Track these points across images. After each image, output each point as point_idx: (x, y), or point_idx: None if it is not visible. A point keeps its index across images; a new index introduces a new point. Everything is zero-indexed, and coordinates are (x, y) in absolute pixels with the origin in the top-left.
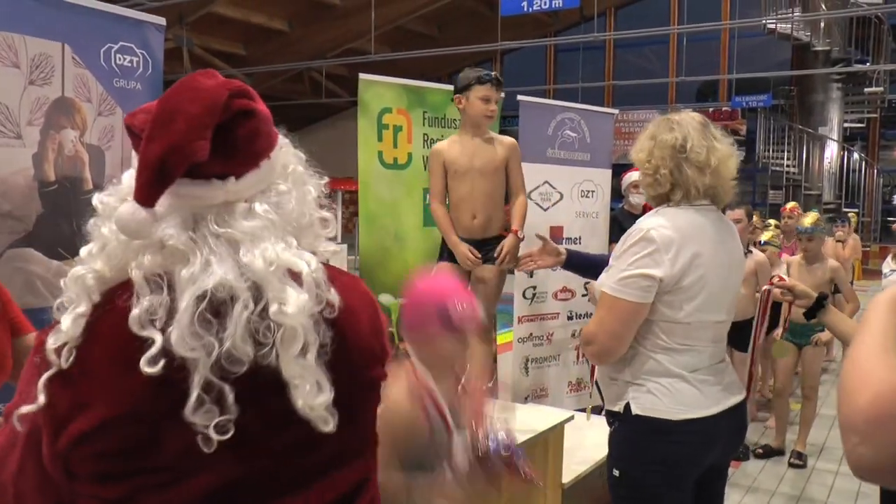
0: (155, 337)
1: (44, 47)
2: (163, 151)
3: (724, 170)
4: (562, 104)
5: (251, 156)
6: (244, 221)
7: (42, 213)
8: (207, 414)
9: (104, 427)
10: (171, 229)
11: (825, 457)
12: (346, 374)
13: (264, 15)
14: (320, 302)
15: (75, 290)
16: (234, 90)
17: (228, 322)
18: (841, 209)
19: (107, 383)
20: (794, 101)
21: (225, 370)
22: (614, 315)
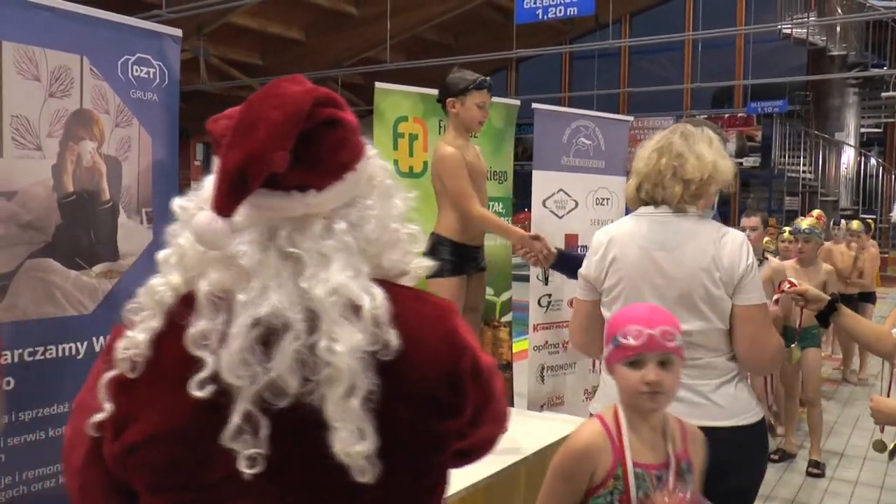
0: (207, 359)
1: (63, 60)
2: (242, 160)
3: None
4: (576, 112)
5: (335, 167)
6: (320, 241)
7: (61, 223)
8: (245, 443)
9: (153, 440)
10: (245, 245)
11: (844, 464)
12: (400, 423)
13: (281, 25)
14: (376, 342)
15: (150, 304)
16: (320, 98)
17: (276, 352)
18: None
19: (160, 399)
20: (811, 107)
21: (266, 402)
22: (575, 311)
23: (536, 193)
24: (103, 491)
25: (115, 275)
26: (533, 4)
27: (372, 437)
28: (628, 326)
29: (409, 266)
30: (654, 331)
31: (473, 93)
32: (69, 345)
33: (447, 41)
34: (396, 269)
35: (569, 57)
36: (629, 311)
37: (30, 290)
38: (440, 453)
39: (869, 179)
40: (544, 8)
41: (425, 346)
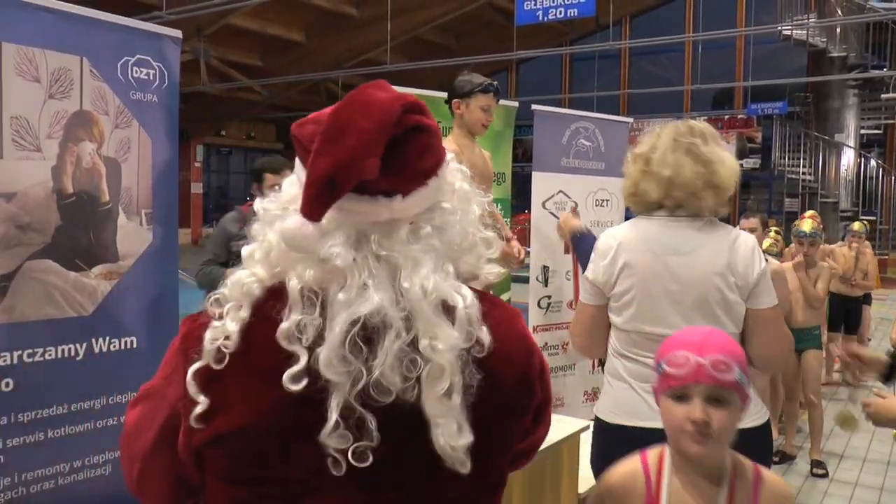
0: (301, 354)
1: (63, 61)
2: (332, 167)
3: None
4: (576, 113)
5: (420, 173)
6: (408, 244)
7: (60, 224)
8: (342, 438)
9: (241, 433)
10: (338, 248)
11: (844, 466)
12: (486, 418)
13: (281, 26)
14: (470, 340)
15: (238, 294)
16: (408, 105)
17: (379, 350)
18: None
19: (249, 391)
20: (810, 108)
21: (371, 398)
22: (579, 315)
23: (536, 195)
24: (164, 478)
25: (114, 276)
26: (533, 6)
27: (468, 431)
28: (675, 352)
29: (481, 270)
30: (703, 359)
31: (478, 95)
32: (68, 346)
33: (448, 42)
34: (469, 273)
35: (569, 58)
36: (682, 334)
37: (29, 291)
38: (510, 451)
39: (869, 181)
40: (544, 9)
41: (505, 346)
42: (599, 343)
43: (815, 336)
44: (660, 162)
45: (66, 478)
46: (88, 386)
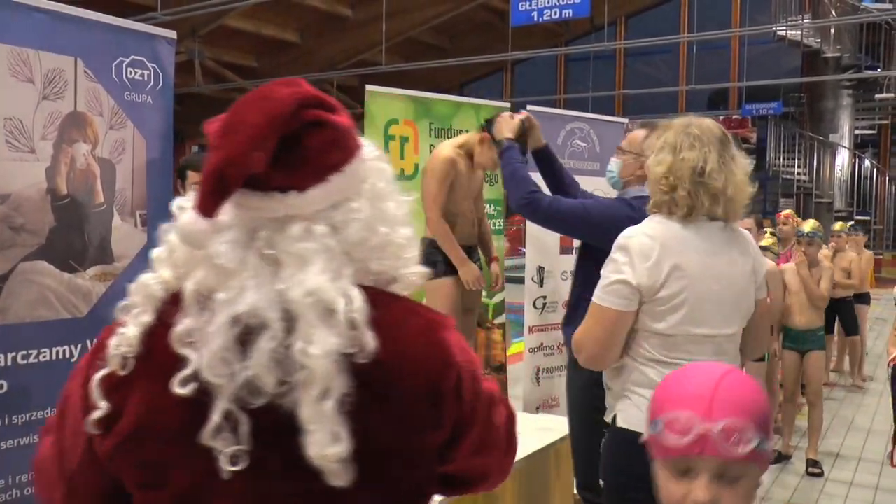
0: (191, 357)
1: (57, 62)
2: (221, 162)
3: (739, 197)
4: (571, 114)
5: (319, 170)
6: (297, 243)
7: (54, 226)
8: (224, 441)
9: (140, 436)
10: (224, 246)
11: (839, 465)
12: (377, 430)
13: (276, 27)
14: (353, 345)
15: (141, 298)
16: (307, 100)
17: (253, 351)
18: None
19: (148, 396)
20: (805, 109)
21: (244, 400)
22: (599, 323)
23: None
24: (91, 499)
25: (108, 277)
26: (528, 7)
27: (346, 440)
28: (676, 412)
29: (399, 272)
30: (712, 426)
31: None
32: (63, 347)
33: (443, 43)
34: (386, 275)
35: (564, 59)
36: (685, 383)
37: (23, 292)
38: (419, 471)
39: (863, 181)
40: (539, 10)
41: (407, 355)
42: (616, 352)
43: (818, 337)
44: (716, 176)
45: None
46: None
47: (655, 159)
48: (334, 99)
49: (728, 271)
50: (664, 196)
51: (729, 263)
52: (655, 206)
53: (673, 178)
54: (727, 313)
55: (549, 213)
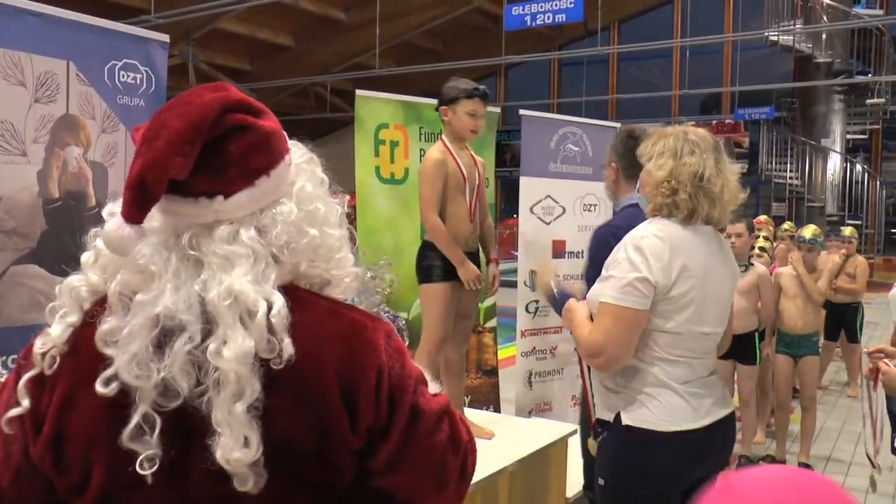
0: (114, 357)
1: (49, 65)
2: (142, 169)
3: (731, 200)
4: (564, 118)
5: (244, 174)
6: (223, 245)
7: (46, 229)
8: (144, 444)
9: (60, 437)
10: (147, 248)
11: (831, 469)
12: (291, 435)
13: (270, 30)
14: (271, 351)
15: (68, 299)
16: (231, 104)
17: (169, 353)
18: (844, 221)
19: (69, 396)
20: (797, 113)
21: (158, 402)
22: (621, 324)
23: (524, 199)
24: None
25: None
26: (521, 11)
27: (257, 445)
28: None
29: (331, 273)
30: None
31: (464, 101)
32: None
33: (436, 47)
34: (320, 278)
35: (557, 63)
36: None
37: (14, 296)
38: (339, 479)
39: (855, 185)
40: (532, 15)
41: (322, 357)
42: (632, 353)
43: (813, 342)
44: (714, 181)
45: None
46: None
47: (656, 164)
48: (260, 103)
49: (722, 273)
50: (666, 199)
51: (722, 265)
52: (656, 210)
53: (675, 181)
54: (721, 313)
55: None
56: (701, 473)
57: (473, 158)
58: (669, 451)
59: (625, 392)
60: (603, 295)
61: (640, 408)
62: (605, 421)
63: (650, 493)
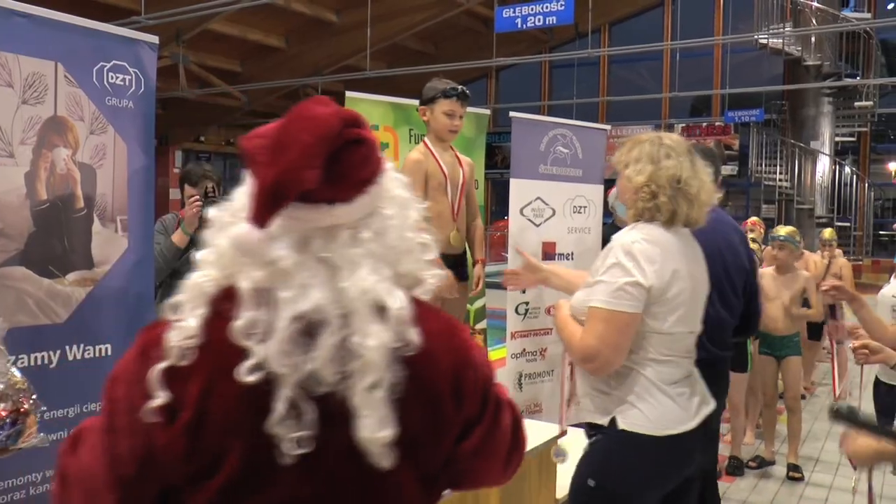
0: (254, 349)
1: (37, 66)
2: (276, 178)
3: (706, 201)
4: (554, 120)
5: (359, 182)
6: (348, 248)
7: (34, 231)
8: (288, 428)
9: (197, 425)
10: (284, 250)
11: (820, 469)
12: (414, 419)
13: (261, 32)
14: (400, 340)
15: (194, 295)
16: (347, 119)
17: (317, 345)
18: (833, 223)
19: (206, 384)
20: (786, 116)
21: (307, 389)
22: (614, 327)
23: (514, 202)
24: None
25: (89, 283)
26: (512, 13)
27: (392, 425)
28: None
29: (422, 275)
30: None
31: (441, 101)
32: (42, 353)
33: (427, 49)
34: (411, 278)
35: (548, 66)
36: None
37: (1, 298)
38: (436, 462)
39: (844, 188)
40: (523, 17)
41: (436, 352)
42: (625, 356)
43: (794, 343)
44: (691, 183)
45: (39, 487)
46: (62, 394)
47: (634, 169)
48: (363, 118)
49: (701, 274)
50: (647, 204)
51: (700, 266)
52: (637, 214)
53: (654, 185)
54: (700, 312)
55: None
56: (689, 473)
57: (458, 158)
58: (664, 454)
59: (621, 396)
60: (593, 300)
61: (636, 412)
62: (598, 424)
63: (643, 494)
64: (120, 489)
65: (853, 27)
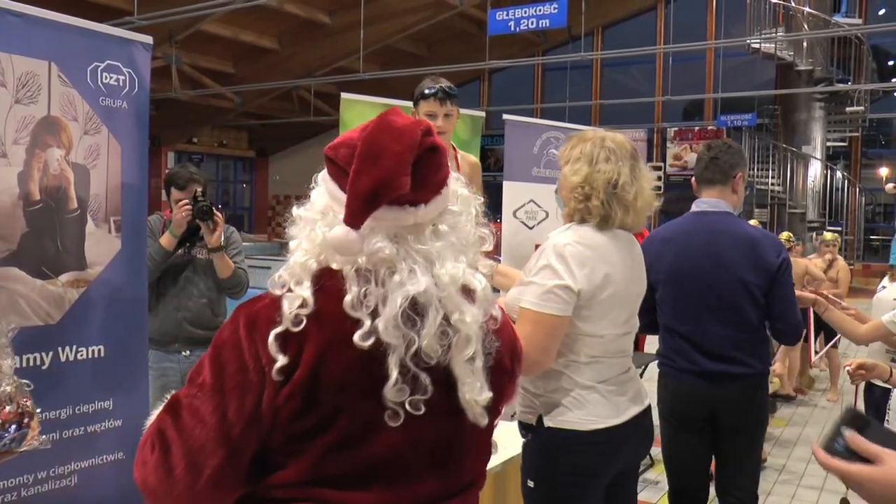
0: (365, 319)
1: (30, 66)
2: (374, 184)
3: (644, 208)
4: (547, 123)
5: (436, 186)
6: (433, 241)
7: (26, 231)
8: (400, 392)
9: (313, 384)
10: (381, 243)
11: (811, 472)
12: (498, 381)
13: (254, 33)
14: (487, 315)
15: (300, 271)
16: (425, 129)
17: (425, 323)
18: (825, 227)
19: (320, 348)
20: (778, 120)
21: (421, 361)
22: (541, 329)
23: (507, 204)
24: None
25: (82, 284)
26: (506, 16)
27: (488, 389)
28: None
29: (478, 263)
30: None
31: (421, 103)
32: (34, 355)
33: (420, 52)
34: (473, 266)
35: (541, 69)
36: None
37: None
38: (501, 409)
39: (835, 192)
40: (517, 20)
41: (504, 327)
42: (553, 357)
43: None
44: (628, 189)
45: (30, 489)
46: (55, 395)
47: (572, 168)
48: (433, 126)
49: (636, 276)
50: (579, 205)
51: (635, 268)
52: (570, 213)
53: (588, 187)
54: (634, 312)
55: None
56: (620, 467)
57: (456, 159)
58: (592, 449)
59: (544, 396)
60: (524, 301)
61: (563, 410)
62: (528, 424)
63: (577, 489)
64: (226, 446)
65: (845, 32)
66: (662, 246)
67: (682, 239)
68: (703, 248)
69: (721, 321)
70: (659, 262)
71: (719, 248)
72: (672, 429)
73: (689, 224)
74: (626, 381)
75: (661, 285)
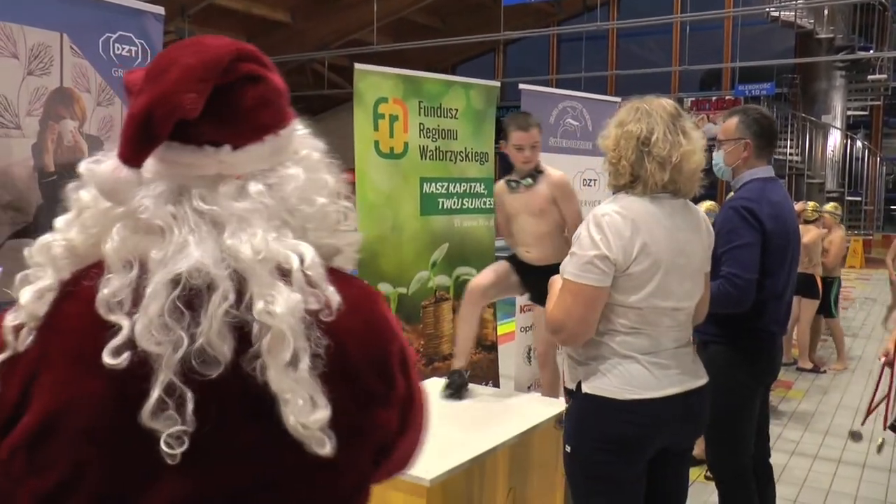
0: (122, 323)
1: (43, 37)
2: (150, 102)
3: (686, 165)
4: (563, 93)
5: (254, 127)
6: (234, 201)
7: (42, 203)
8: (168, 421)
9: (47, 429)
10: (148, 200)
11: (828, 444)
12: (341, 395)
13: (267, 6)
14: (317, 302)
15: (40, 260)
16: (245, 53)
17: (203, 315)
18: (844, 197)
19: (58, 377)
20: (798, 90)
21: (194, 371)
22: (580, 300)
23: None
24: None
25: None
26: None
27: (324, 404)
28: None
29: (340, 244)
30: None
31: (511, 134)
32: None
33: (435, 24)
34: (330, 247)
35: (556, 39)
36: None
37: (11, 271)
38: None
39: (855, 162)
40: None
41: (356, 323)
42: (594, 328)
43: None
44: (663, 146)
45: None
46: None
47: (602, 135)
48: (270, 60)
49: (690, 248)
50: (612, 168)
51: (690, 239)
52: (613, 187)
53: (619, 149)
54: (689, 287)
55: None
56: (665, 443)
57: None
58: (627, 419)
59: (586, 363)
60: (565, 272)
61: (600, 377)
62: (570, 389)
63: (613, 458)
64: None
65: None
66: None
67: (788, 204)
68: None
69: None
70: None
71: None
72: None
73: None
74: (678, 356)
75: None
